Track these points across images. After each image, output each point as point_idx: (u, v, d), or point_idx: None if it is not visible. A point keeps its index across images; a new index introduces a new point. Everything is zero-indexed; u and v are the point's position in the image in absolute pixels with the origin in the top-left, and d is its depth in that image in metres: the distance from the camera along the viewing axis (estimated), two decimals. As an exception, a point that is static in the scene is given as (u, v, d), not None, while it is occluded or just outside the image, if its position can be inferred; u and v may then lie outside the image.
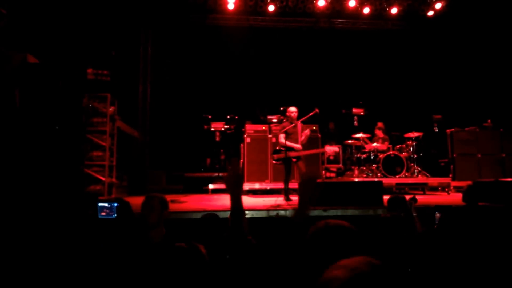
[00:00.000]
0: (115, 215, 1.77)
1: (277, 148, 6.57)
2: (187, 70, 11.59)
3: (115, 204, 1.79)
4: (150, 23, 11.38)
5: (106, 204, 1.81)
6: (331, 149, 7.41)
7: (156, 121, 11.13)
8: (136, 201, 5.92)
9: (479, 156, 8.58)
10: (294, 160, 6.48)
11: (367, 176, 8.82)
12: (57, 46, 5.82)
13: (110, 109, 7.59)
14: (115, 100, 7.88)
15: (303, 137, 6.59)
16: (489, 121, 9.31)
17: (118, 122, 8.23)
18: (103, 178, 7.14)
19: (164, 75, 11.46)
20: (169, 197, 3.67)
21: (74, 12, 6.32)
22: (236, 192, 1.88)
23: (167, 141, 10.94)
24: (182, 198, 6.67)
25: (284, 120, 6.81)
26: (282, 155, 6.39)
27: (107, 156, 7.32)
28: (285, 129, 6.47)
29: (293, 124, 6.52)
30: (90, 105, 7.29)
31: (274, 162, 6.74)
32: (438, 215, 3.44)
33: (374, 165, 8.90)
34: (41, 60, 5.31)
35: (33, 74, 5.08)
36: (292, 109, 6.73)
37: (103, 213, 1.81)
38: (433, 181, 8.70)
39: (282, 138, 6.43)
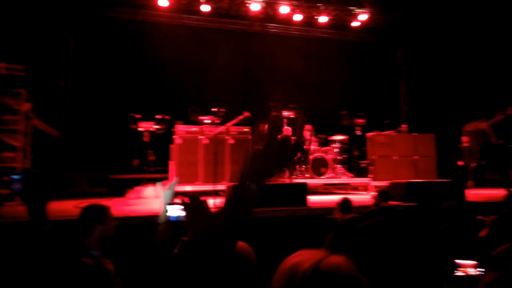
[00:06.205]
0: (22, 187, 1.68)
1: None
2: (115, 67, 11.05)
3: (20, 176, 1.69)
4: (73, 15, 10.68)
5: (17, 176, 1.71)
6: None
7: (78, 119, 10.46)
8: (55, 207, 5.55)
9: (395, 158, 9.28)
10: None
11: (297, 177, 9.12)
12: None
13: (25, 106, 7.00)
14: (30, 96, 7.29)
15: None
16: (404, 126, 10.14)
17: (34, 121, 7.61)
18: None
19: (88, 71, 10.82)
20: (86, 202, 3.43)
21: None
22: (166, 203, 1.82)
23: (90, 141, 10.32)
24: (105, 202, 6.34)
25: None
26: None
27: (19, 158, 6.73)
28: None
29: None
30: (1, 102, 6.66)
31: None
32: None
33: (303, 166, 9.24)
34: None
35: None
36: None
37: (17, 186, 1.73)
38: (355, 181, 9.26)
39: None
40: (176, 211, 1.60)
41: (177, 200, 1.59)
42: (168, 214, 1.64)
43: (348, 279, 0.78)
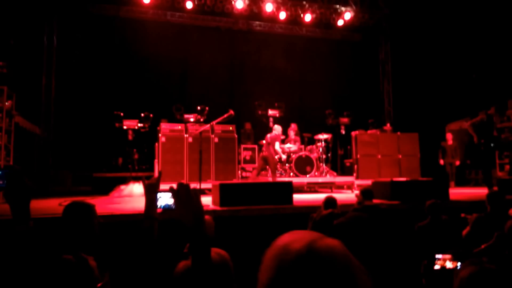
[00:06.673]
0: (4, 183, 1.65)
1: None
2: (98, 64, 10.88)
3: (1, 172, 1.65)
4: (55, 11, 10.47)
5: None
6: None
7: (62, 117, 10.28)
8: (38, 205, 5.44)
9: (379, 157, 9.40)
10: None
11: (281, 175, 9.16)
12: None
13: (7, 103, 6.87)
14: (13, 93, 7.15)
15: None
16: (388, 124, 10.27)
17: (17, 118, 7.47)
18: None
19: (72, 68, 10.62)
20: (70, 200, 3.37)
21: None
22: (150, 198, 1.81)
23: (74, 139, 10.16)
24: (89, 200, 6.26)
25: None
26: None
27: (2, 156, 6.60)
28: None
29: None
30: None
31: None
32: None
33: (287, 165, 9.28)
34: None
35: None
36: None
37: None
38: (340, 180, 9.34)
39: None
40: (163, 199, 1.59)
41: (164, 189, 1.57)
42: (157, 203, 1.63)
43: (343, 261, 0.77)
